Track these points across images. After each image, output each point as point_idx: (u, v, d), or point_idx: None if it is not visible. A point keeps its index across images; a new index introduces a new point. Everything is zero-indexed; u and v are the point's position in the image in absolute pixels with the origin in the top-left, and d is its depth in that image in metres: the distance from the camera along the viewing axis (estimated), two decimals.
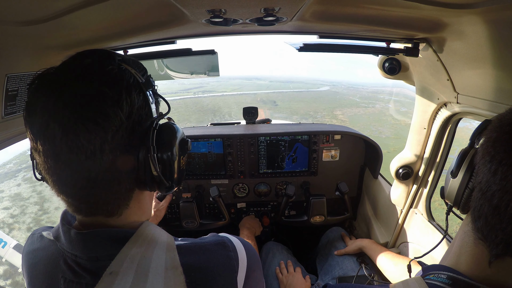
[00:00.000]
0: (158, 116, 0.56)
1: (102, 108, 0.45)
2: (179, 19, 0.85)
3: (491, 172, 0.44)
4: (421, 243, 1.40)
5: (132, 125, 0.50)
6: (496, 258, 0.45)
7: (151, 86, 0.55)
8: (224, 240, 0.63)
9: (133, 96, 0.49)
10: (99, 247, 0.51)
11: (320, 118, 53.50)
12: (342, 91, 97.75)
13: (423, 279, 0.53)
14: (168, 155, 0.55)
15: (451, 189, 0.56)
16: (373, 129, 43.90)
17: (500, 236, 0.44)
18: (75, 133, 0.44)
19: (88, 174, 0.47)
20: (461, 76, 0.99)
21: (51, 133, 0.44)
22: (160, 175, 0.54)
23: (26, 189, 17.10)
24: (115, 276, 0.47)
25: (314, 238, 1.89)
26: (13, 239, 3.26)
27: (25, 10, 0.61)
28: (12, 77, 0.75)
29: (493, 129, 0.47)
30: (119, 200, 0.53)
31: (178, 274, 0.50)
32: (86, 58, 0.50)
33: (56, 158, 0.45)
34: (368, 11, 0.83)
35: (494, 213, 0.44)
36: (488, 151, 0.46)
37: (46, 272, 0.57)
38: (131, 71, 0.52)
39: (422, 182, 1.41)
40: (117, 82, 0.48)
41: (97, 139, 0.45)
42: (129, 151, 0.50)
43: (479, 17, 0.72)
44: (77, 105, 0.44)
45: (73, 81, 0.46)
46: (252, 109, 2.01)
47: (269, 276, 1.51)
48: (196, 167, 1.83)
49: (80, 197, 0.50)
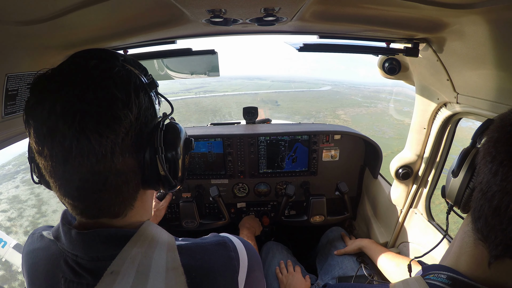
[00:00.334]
0: (163, 117, 0.56)
1: (113, 111, 0.45)
2: (179, 19, 0.85)
3: (491, 173, 0.44)
4: (421, 243, 1.40)
5: (140, 126, 0.50)
6: (496, 259, 0.45)
7: (155, 86, 0.55)
8: (225, 240, 0.63)
9: (140, 97, 0.50)
10: (100, 247, 0.51)
11: (322, 118, 52.89)
12: (344, 90, 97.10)
13: (423, 279, 0.53)
14: (174, 155, 0.56)
15: (452, 189, 0.56)
16: (376, 129, 42.69)
17: (500, 237, 0.43)
18: (86, 137, 0.43)
19: (98, 177, 0.47)
20: (461, 76, 0.99)
21: (60, 138, 0.43)
22: (167, 174, 0.54)
23: (24, 191, 16.90)
24: (116, 275, 0.47)
25: (314, 238, 1.90)
26: (12, 239, 3.26)
27: (25, 9, 0.61)
28: (12, 77, 0.75)
29: (495, 129, 0.47)
30: (126, 201, 0.53)
31: (179, 274, 0.50)
32: (91, 59, 0.49)
33: (65, 163, 0.44)
34: (368, 11, 0.83)
35: (494, 214, 0.44)
36: (489, 151, 0.45)
37: (46, 272, 0.56)
38: (135, 72, 0.52)
39: (422, 182, 1.41)
40: (126, 84, 0.48)
41: (108, 142, 0.45)
42: (137, 152, 0.51)
43: (479, 17, 0.72)
44: (88, 108, 0.43)
45: (81, 84, 0.45)
46: (252, 109, 2.01)
47: (269, 275, 1.51)
48: (196, 167, 1.83)
49: (87, 200, 0.49)
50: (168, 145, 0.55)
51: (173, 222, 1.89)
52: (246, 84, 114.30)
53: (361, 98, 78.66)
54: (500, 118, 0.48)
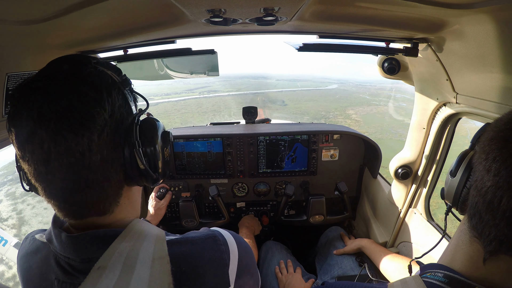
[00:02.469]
0: (139, 112, 0.58)
1: (86, 109, 0.47)
2: (179, 18, 0.85)
3: (485, 169, 0.45)
4: (420, 242, 1.40)
5: (116, 123, 0.51)
6: (490, 255, 0.46)
7: (128, 84, 0.57)
8: (215, 233, 0.64)
9: (113, 95, 0.51)
10: (90, 249, 0.52)
11: (332, 118, 50.16)
12: (351, 88, 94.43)
13: (420, 277, 0.54)
14: (152, 148, 0.58)
15: (450, 189, 0.57)
16: (392, 131, 38.58)
17: (493, 232, 0.44)
18: (63, 137, 0.45)
19: (79, 176, 0.48)
20: (460, 76, 0.99)
21: (39, 140, 0.45)
22: (147, 168, 0.55)
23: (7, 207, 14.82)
24: (103, 270, 0.47)
25: (313, 237, 1.90)
26: (14, 238, 3.28)
27: (26, 9, 0.61)
28: (12, 76, 0.76)
29: (490, 128, 0.48)
30: (110, 198, 0.54)
31: (164, 263, 0.50)
32: (63, 64, 0.51)
33: (46, 164, 0.46)
34: (367, 11, 0.83)
35: (487, 209, 0.44)
36: (484, 149, 0.46)
37: (40, 275, 0.58)
38: (108, 72, 0.54)
39: (421, 182, 1.41)
40: (97, 84, 0.50)
41: (84, 141, 0.46)
42: (115, 148, 0.52)
43: (479, 17, 0.72)
44: (62, 109, 0.45)
45: (55, 87, 0.47)
46: (251, 109, 2.02)
47: (268, 275, 1.51)
48: (196, 166, 1.83)
49: (72, 199, 0.51)
50: (145, 139, 0.56)
51: (173, 221, 1.90)
52: (251, 83, 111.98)
53: (369, 96, 76.55)
54: (496, 120, 0.49)
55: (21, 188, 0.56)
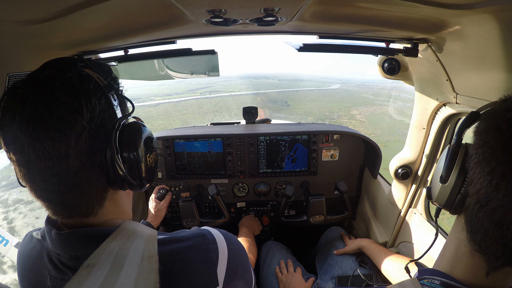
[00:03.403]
0: (122, 117, 0.57)
1: (62, 115, 0.47)
2: (179, 19, 0.85)
3: (492, 186, 0.41)
4: (420, 242, 1.40)
5: (96, 128, 0.51)
6: (495, 271, 0.44)
7: (114, 88, 0.57)
8: (204, 232, 0.64)
9: (93, 101, 0.51)
10: (78, 247, 0.53)
11: (337, 119, 48.09)
12: (354, 88, 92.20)
13: (418, 282, 0.53)
14: (133, 155, 0.57)
15: (441, 194, 0.52)
16: (399, 132, 35.08)
17: (501, 250, 0.42)
18: (40, 142, 0.46)
19: (58, 179, 0.49)
20: (460, 77, 0.99)
21: (20, 144, 0.47)
22: (126, 174, 0.55)
23: None
24: (92, 268, 0.48)
25: (313, 237, 1.90)
26: (14, 237, 3.28)
27: (27, 10, 0.61)
28: (13, 76, 0.76)
29: (488, 130, 0.44)
30: (93, 201, 0.55)
31: (153, 262, 0.50)
32: (46, 69, 0.52)
33: (27, 167, 0.48)
34: (367, 11, 0.83)
35: (495, 228, 0.42)
36: (486, 159, 0.43)
37: (35, 270, 0.60)
38: (93, 76, 0.54)
39: (421, 182, 1.41)
40: (76, 89, 0.50)
41: (61, 146, 0.47)
42: (96, 153, 0.52)
43: (479, 18, 0.72)
44: (39, 114, 0.46)
45: (34, 92, 0.48)
46: (252, 109, 2.02)
47: (268, 275, 1.51)
48: (196, 166, 1.84)
49: (55, 201, 0.52)
50: (126, 145, 0.56)
51: (174, 221, 1.90)
52: (252, 83, 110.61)
53: (372, 95, 74.75)
54: (491, 114, 0.45)
55: (14, 194, 0.58)
